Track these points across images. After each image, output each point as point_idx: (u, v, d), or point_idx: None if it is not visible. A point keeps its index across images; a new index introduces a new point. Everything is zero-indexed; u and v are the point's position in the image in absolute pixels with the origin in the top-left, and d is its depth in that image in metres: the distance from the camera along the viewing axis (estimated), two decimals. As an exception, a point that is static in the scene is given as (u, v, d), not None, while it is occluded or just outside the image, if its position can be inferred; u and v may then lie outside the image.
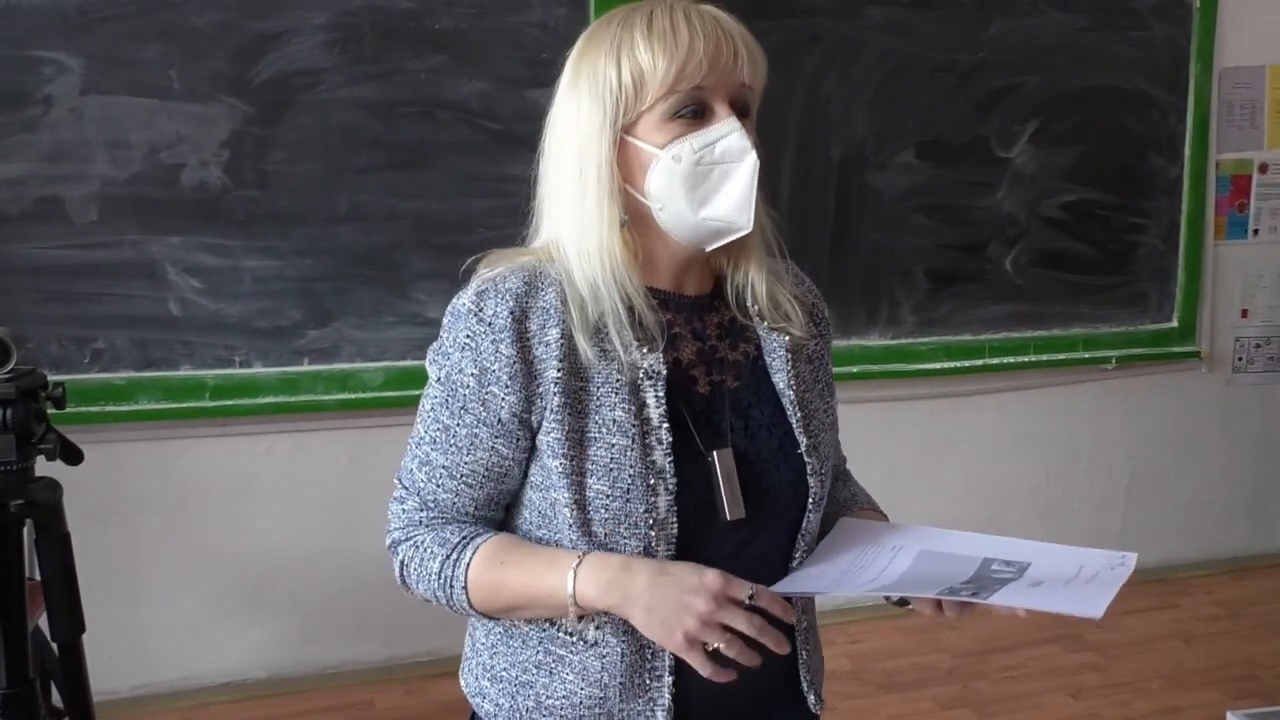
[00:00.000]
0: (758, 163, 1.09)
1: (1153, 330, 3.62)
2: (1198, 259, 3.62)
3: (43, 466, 1.87)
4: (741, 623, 1.02)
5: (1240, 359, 3.78)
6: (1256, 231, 3.71)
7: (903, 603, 1.16)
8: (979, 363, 3.43)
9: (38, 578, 1.93)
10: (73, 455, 1.89)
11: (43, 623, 1.95)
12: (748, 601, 1.03)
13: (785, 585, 1.12)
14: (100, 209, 2.66)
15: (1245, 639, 3.26)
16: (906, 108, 3.25)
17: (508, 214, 1.24)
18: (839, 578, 1.12)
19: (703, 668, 1.04)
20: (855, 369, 3.28)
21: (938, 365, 3.38)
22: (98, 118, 2.63)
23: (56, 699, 2.06)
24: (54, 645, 1.96)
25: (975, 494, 3.50)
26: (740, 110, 1.11)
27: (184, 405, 2.76)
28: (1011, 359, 3.46)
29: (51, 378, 2.02)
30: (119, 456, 2.74)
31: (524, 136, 3.17)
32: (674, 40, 1.07)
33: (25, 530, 1.87)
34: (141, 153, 2.67)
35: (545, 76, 1.19)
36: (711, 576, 1.03)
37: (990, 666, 3.07)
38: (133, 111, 2.65)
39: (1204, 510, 3.78)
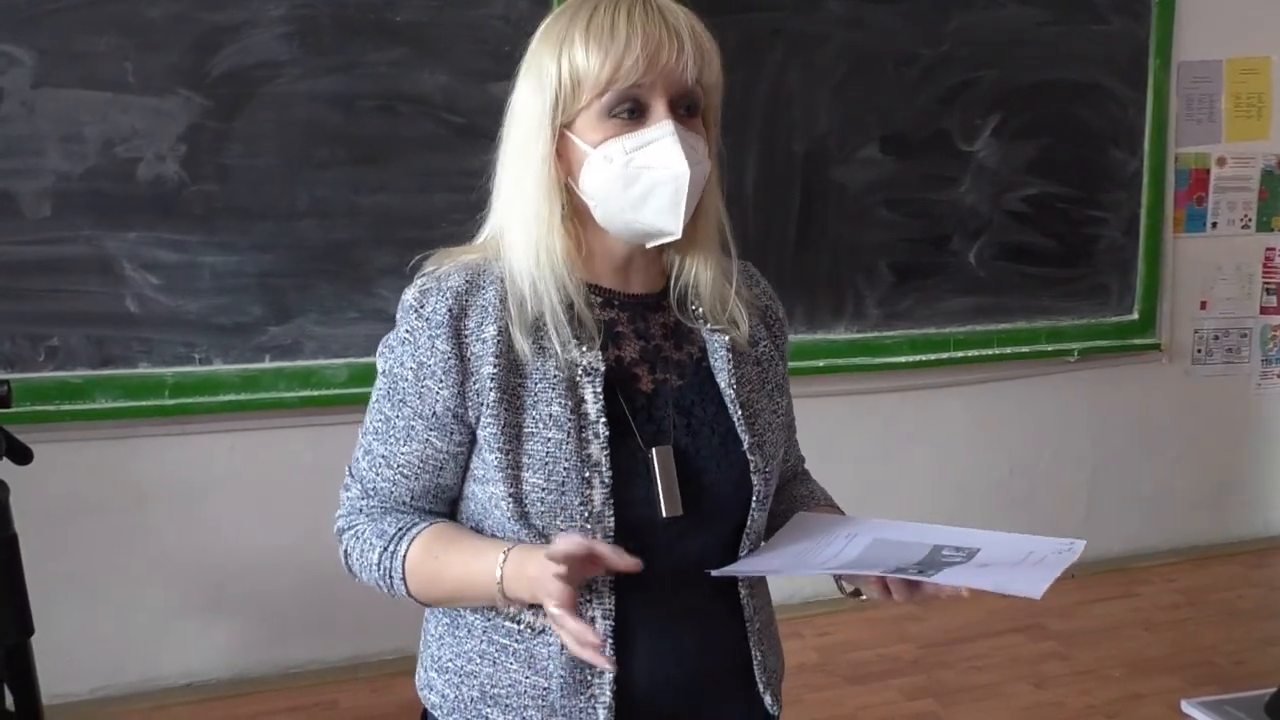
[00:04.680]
0: (688, 172, 1.07)
1: (1114, 322, 3.66)
2: (1157, 252, 3.66)
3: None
4: (564, 635, 1.01)
5: (1199, 350, 3.83)
6: (1215, 224, 3.76)
7: (855, 594, 1.18)
8: (944, 356, 3.45)
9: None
10: (21, 455, 1.86)
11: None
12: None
13: (737, 567, 1.13)
14: (54, 204, 2.61)
15: (1205, 626, 3.30)
16: (869, 102, 3.26)
17: (470, 209, 1.23)
18: (790, 562, 1.14)
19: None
20: (821, 363, 3.29)
21: (903, 359, 3.40)
22: (51, 111, 2.58)
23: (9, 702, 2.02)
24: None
25: (941, 486, 3.53)
26: (688, 108, 1.10)
27: (143, 404, 2.72)
28: (976, 352, 3.48)
29: (3, 376, 1.98)
30: (77, 456, 2.70)
31: (487, 130, 3.14)
32: (611, 37, 1.06)
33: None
34: (96, 147, 2.62)
35: (508, 69, 1.18)
36: (548, 592, 1.00)
37: (955, 657, 3.10)
38: (87, 105, 2.60)
39: (1165, 499, 3.83)
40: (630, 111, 1.08)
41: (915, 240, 3.37)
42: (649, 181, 1.08)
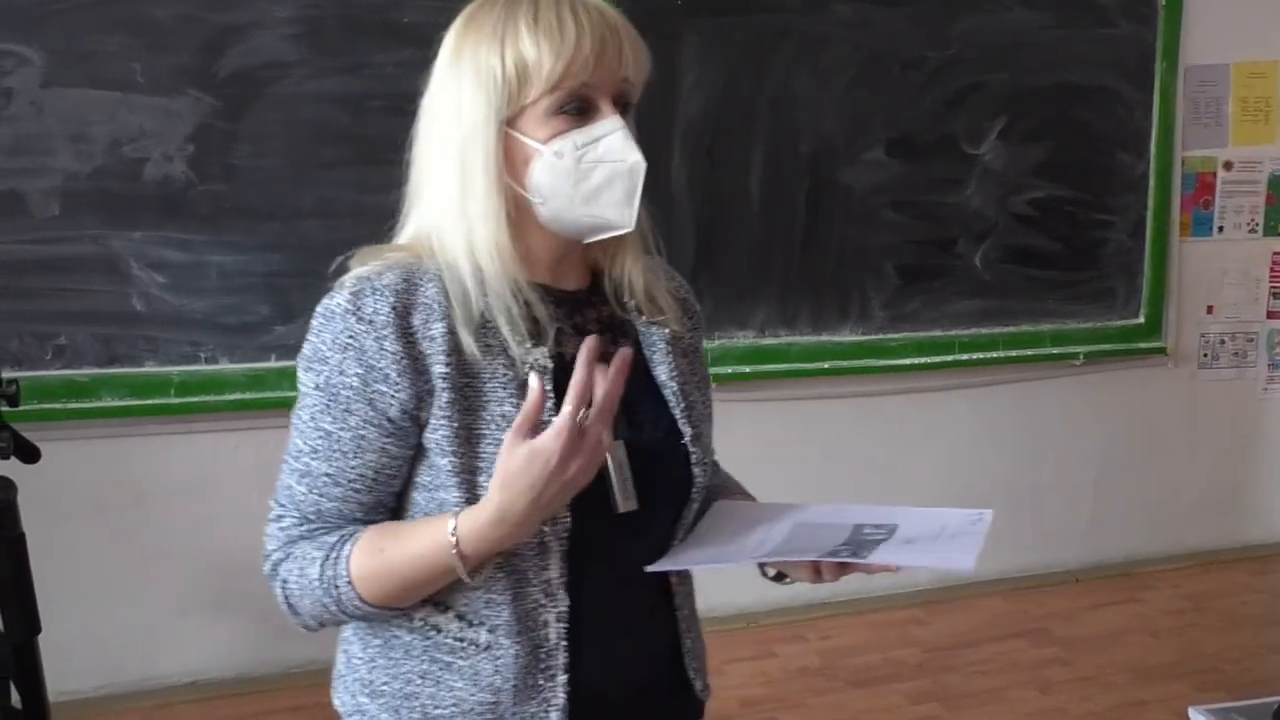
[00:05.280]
0: (644, 163, 1.08)
1: (1120, 326, 3.65)
2: (1164, 255, 3.65)
3: (-1, 465, 1.85)
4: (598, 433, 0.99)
5: (1206, 355, 3.82)
6: (1221, 228, 3.75)
7: (779, 578, 1.20)
8: (949, 358, 3.44)
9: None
10: (28, 454, 1.87)
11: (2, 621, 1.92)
12: (581, 414, 0.98)
13: (665, 563, 1.14)
14: (62, 203, 2.62)
15: (1211, 632, 3.30)
16: (875, 104, 3.26)
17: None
18: (718, 553, 1.14)
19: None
20: (826, 365, 3.29)
21: (908, 361, 3.39)
22: (59, 111, 2.59)
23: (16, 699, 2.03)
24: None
25: (945, 489, 3.52)
26: (622, 106, 1.10)
27: (148, 402, 2.72)
28: (981, 355, 3.48)
29: (11, 375, 1.99)
30: (83, 454, 2.70)
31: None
32: (560, 35, 1.04)
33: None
34: (104, 146, 2.63)
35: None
36: (546, 439, 0.97)
37: (958, 661, 3.09)
38: (95, 104, 2.61)
39: (1170, 504, 3.82)
40: (578, 109, 1.07)
41: (921, 242, 3.37)
42: (604, 176, 1.07)
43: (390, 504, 1.11)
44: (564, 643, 1.10)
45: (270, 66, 2.72)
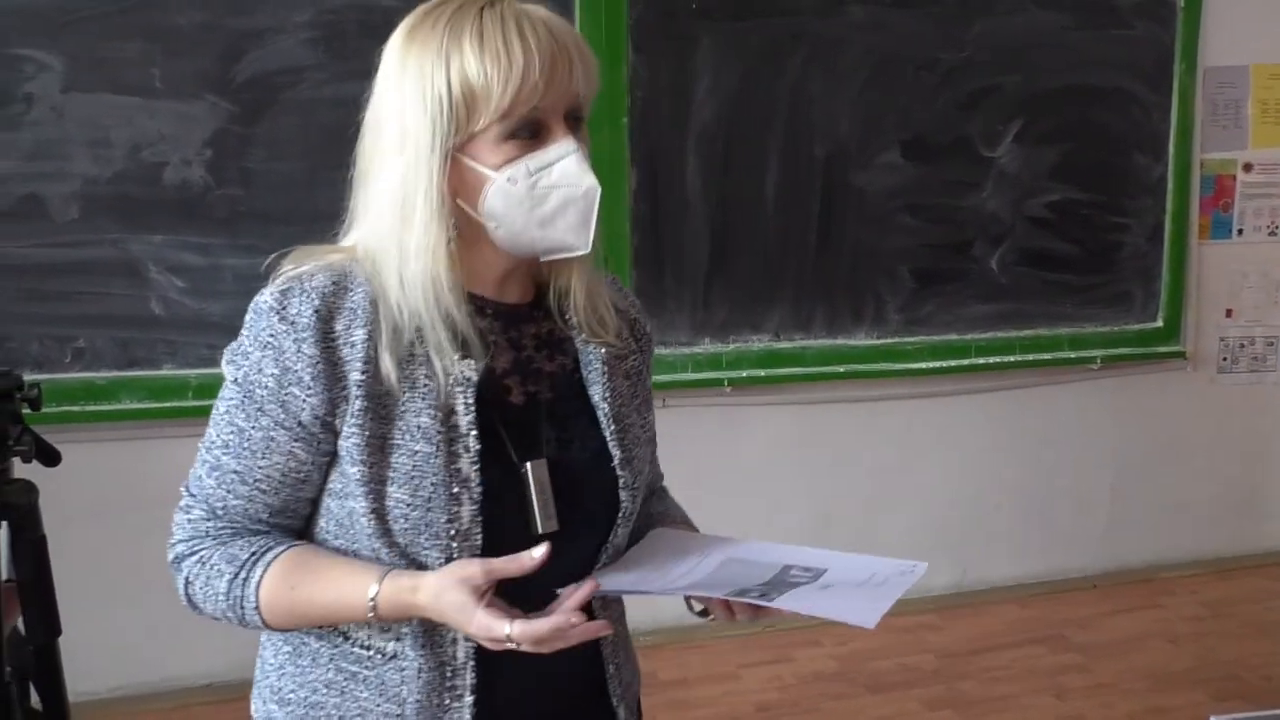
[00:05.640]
0: (599, 187, 1.05)
1: (1138, 330, 3.63)
2: (1182, 259, 3.63)
3: (19, 468, 1.86)
4: (525, 642, 1.00)
5: (1225, 359, 3.80)
6: (1241, 231, 3.72)
7: (704, 613, 1.16)
8: (964, 362, 3.43)
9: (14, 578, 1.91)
10: (50, 457, 1.88)
11: (21, 622, 1.93)
12: (513, 640, 0.99)
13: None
14: (81, 207, 2.65)
15: (1230, 639, 3.27)
16: (890, 107, 3.25)
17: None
18: (639, 580, 1.12)
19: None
20: (841, 368, 3.28)
21: (923, 365, 3.38)
22: (79, 116, 2.62)
23: (36, 700, 2.04)
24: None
25: (959, 494, 3.51)
26: (574, 121, 1.07)
27: (166, 405, 2.74)
28: (997, 359, 3.46)
29: (32, 377, 2.00)
30: (102, 456, 2.72)
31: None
32: (508, 59, 1.01)
33: (1, 533, 1.86)
34: (123, 151, 2.65)
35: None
36: (480, 623, 0.99)
37: (975, 667, 3.07)
38: (114, 110, 2.64)
39: (1189, 510, 3.79)
40: (530, 133, 1.04)
41: (936, 246, 3.36)
42: (559, 200, 1.05)
43: (303, 510, 1.10)
44: (472, 662, 1.08)
45: (287, 72, 2.73)
